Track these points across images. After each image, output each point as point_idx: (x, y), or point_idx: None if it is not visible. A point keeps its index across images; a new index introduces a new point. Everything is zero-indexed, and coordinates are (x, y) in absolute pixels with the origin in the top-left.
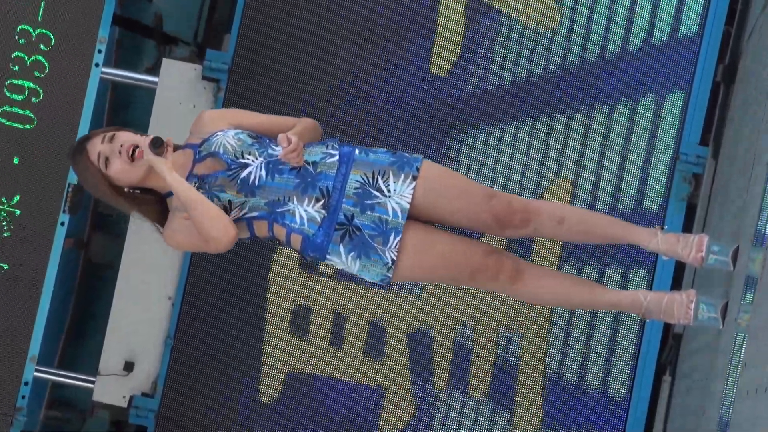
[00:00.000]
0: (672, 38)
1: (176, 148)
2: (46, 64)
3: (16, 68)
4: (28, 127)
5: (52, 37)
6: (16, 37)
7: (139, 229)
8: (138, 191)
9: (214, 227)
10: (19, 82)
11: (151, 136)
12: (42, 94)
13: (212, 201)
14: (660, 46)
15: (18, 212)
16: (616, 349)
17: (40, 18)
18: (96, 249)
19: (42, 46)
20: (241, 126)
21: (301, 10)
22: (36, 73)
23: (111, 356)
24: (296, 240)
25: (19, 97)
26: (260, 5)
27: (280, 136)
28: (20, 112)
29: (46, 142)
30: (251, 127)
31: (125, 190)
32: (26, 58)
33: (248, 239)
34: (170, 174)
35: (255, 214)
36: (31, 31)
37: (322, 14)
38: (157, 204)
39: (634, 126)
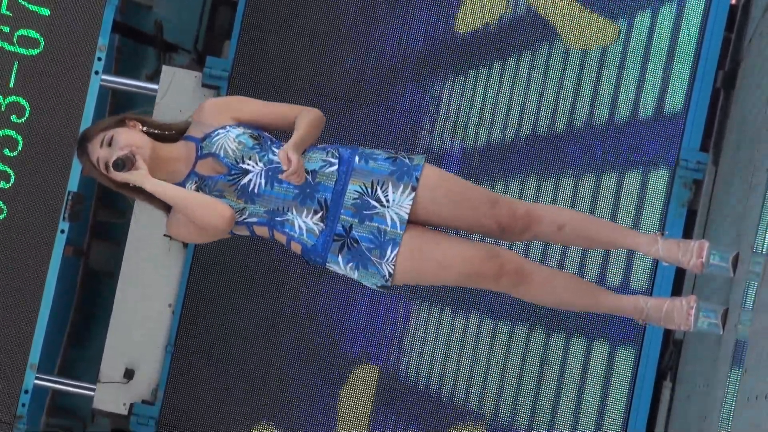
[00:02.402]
0: (671, 46)
1: (178, 138)
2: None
3: None
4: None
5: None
6: None
7: (139, 236)
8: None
9: (208, 214)
10: None
11: (113, 160)
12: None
13: None
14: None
15: None
16: (617, 355)
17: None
18: (96, 256)
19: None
20: (244, 117)
21: (302, 17)
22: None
23: (111, 363)
24: (296, 247)
25: None
26: (260, 12)
27: (280, 155)
28: None
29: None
30: (254, 116)
31: (131, 185)
32: None
33: (249, 237)
34: (148, 182)
35: (255, 220)
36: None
37: (323, 20)
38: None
39: (635, 129)
